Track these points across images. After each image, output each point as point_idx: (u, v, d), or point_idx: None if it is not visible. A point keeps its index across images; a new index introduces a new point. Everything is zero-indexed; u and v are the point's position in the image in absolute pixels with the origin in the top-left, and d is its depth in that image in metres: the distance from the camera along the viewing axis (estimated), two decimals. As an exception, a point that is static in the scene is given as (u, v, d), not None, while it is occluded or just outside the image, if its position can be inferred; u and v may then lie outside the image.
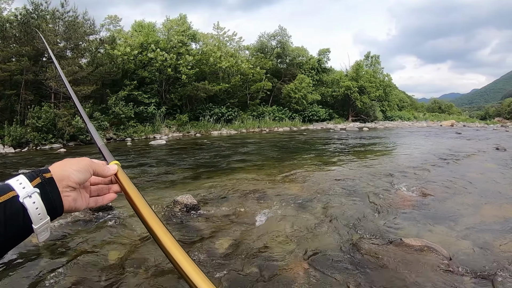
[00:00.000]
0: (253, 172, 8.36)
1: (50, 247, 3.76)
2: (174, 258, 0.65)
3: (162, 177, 7.87)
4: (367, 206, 5.38)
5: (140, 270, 3.28)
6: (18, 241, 0.63)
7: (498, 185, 6.83)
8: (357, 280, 3.12)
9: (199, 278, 0.60)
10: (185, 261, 0.64)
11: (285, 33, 37.97)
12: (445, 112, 79.73)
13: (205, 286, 0.59)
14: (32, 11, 19.10)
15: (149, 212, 0.74)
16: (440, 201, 5.73)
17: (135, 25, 30.41)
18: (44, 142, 16.06)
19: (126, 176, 0.84)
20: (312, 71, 41.46)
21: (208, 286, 0.59)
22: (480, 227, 4.49)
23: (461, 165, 9.25)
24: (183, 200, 5.12)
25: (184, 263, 0.63)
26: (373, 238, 4.10)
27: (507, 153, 11.72)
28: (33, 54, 17.97)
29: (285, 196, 5.88)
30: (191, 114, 27.15)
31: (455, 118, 61.18)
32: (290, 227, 4.45)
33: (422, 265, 3.37)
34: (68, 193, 0.69)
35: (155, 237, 0.70)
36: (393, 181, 7.12)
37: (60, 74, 1.18)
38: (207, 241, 3.98)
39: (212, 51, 28.62)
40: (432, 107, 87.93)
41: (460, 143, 15.95)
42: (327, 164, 9.75)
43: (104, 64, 21.02)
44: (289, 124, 32.98)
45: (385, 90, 47.32)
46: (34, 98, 18.04)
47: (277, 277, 3.18)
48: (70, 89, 1.13)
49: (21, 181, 0.63)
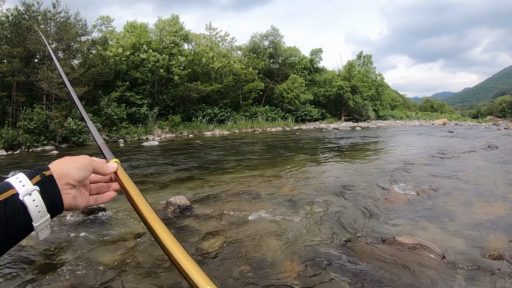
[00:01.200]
0: (246, 172, 8.47)
1: (43, 250, 3.78)
2: (174, 256, 0.64)
3: (155, 178, 7.94)
4: (360, 205, 5.42)
5: (133, 270, 3.31)
6: (18, 239, 0.63)
7: (490, 183, 6.94)
8: (350, 279, 3.14)
9: (199, 277, 0.60)
10: (185, 259, 0.64)
11: (277, 33, 38.06)
12: (437, 111, 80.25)
13: (205, 284, 0.59)
14: (24, 12, 18.99)
15: (149, 211, 0.74)
16: (433, 199, 5.79)
17: (127, 26, 30.34)
18: (36, 144, 15.98)
19: (126, 174, 0.84)
20: (304, 71, 41.62)
21: (208, 285, 0.59)
22: (472, 225, 4.54)
23: (453, 163, 9.38)
24: (176, 201, 5.19)
25: (184, 261, 0.63)
26: (366, 236, 4.12)
27: (498, 151, 11.92)
28: (24, 55, 17.85)
29: (278, 196, 5.97)
30: (183, 115, 27.16)
31: (447, 116, 61.69)
32: (283, 226, 4.47)
33: (415, 263, 3.40)
34: (68, 190, 0.69)
35: (155, 235, 0.69)
36: (386, 180, 7.22)
37: (61, 74, 1.17)
38: (200, 241, 4.04)
39: (205, 51, 28.67)
40: (424, 106, 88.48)
41: (452, 142, 16.17)
42: (320, 163, 9.88)
43: (96, 65, 20.94)
44: (282, 124, 33.13)
45: (377, 90, 47.63)
46: (26, 99, 17.92)
47: (269, 277, 3.20)
48: (70, 88, 1.13)
49: (21, 179, 0.63)
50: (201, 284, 0.59)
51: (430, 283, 3.04)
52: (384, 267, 3.35)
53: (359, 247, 3.80)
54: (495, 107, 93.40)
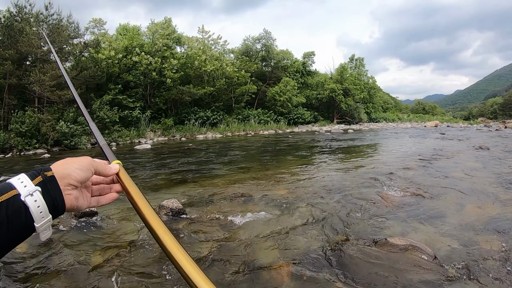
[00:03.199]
0: (238, 175, 8.43)
1: (34, 254, 3.76)
2: (175, 258, 0.65)
3: (147, 181, 7.95)
4: (351, 207, 5.44)
5: (126, 274, 3.31)
6: (20, 240, 0.63)
7: (481, 184, 6.99)
8: (342, 281, 3.15)
9: (200, 279, 0.60)
10: (186, 261, 0.64)
11: (269, 36, 38.28)
12: (429, 113, 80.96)
13: (206, 286, 0.59)
14: (16, 14, 18.91)
15: (150, 212, 0.74)
16: (424, 200, 5.83)
17: (120, 29, 30.30)
18: (28, 148, 15.88)
19: (127, 176, 0.84)
20: (297, 74, 41.86)
21: (208, 286, 0.59)
22: (463, 226, 4.57)
23: (445, 165, 9.39)
24: (168, 204, 5.15)
25: (185, 263, 0.63)
26: (358, 238, 4.14)
27: (489, 152, 11.93)
28: (16, 57, 17.76)
29: (270, 199, 5.96)
30: (176, 118, 27.19)
31: (439, 118, 62.23)
32: (275, 229, 4.48)
33: (407, 264, 3.42)
34: (70, 191, 0.70)
35: (156, 237, 0.69)
36: (377, 181, 7.21)
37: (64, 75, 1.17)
38: (192, 244, 4.04)
39: (197, 54, 28.77)
40: (416, 108, 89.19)
41: (444, 143, 16.21)
42: (312, 166, 9.89)
43: (89, 68, 20.87)
44: (274, 127, 33.25)
45: (369, 92, 48.02)
46: (17, 102, 17.83)
47: (262, 280, 3.21)
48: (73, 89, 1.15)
49: (23, 179, 0.63)
50: (202, 286, 0.59)
51: (422, 284, 3.07)
52: (375, 268, 3.37)
53: (351, 249, 3.83)
54: (486, 109, 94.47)
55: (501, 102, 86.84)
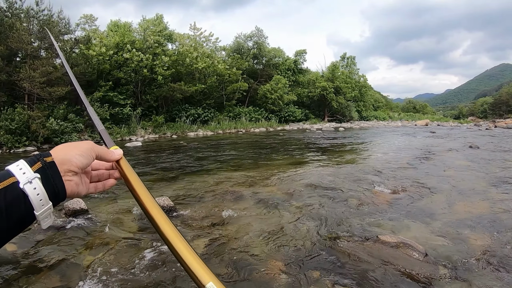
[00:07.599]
0: (229, 173, 8.51)
1: (24, 254, 3.76)
2: (176, 248, 0.64)
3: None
4: (343, 205, 5.49)
5: (117, 271, 3.34)
6: (20, 229, 0.61)
7: (471, 182, 7.12)
8: (333, 278, 3.18)
9: (202, 271, 0.60)
10: (188, 253, 0.63)
11: (261, 34, 38.35)
12: (419, 112, 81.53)
13: (208, 279, 0.59)
14: (6, 9, 18.80)
15: (150, 201, 0.72)
16: (415, 198, 5.91)
17: (111, 25, 30.13)
18: (18, 145, 15.77)
19: (127, 163, 0.82)
20: (288, 72, 41.96)
21: (210, 279, 0.59)
22: (454, 223, 4.65)
23: (435, 163, 9.53)
24: (159, 202, 5.08)
25: (186, 255, 0.62)
26: (349, 235, 4.18)
27: (479, 151, 12.13)
28: (6, 54, 17.62)
29: (261, 196, 6.02)
30: (167, 115, 27.17)
31: (429, 117, 62.70)
32: (266, 227, 4.53)
33: (398, 261, 3.46)
34: (70, 177, 0.67)
35: (156, 227, 0.68)
36: (368, 179, 7.35)
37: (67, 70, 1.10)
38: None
39: (189, 51, 28.77)
40: (407, 107, 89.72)
41: (434, 142, 16.38)
42: (303, 164, 9.99)
43: (79, 65, 20.74)
44: (265, 125, 33.37)
45: (360, 91, 48.25)
46: (7, 99, 17.63)
47: (254, 277, 3.23)
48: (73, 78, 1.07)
49: (21, 166, 0.61)
50: (204, 278, 0.59)
51: (413, 281, 3.13)
52: (367, 266, 3.42)
53: (342, 246, 3.87)
54: (476, 108, 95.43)
55: (491, 101, 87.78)
